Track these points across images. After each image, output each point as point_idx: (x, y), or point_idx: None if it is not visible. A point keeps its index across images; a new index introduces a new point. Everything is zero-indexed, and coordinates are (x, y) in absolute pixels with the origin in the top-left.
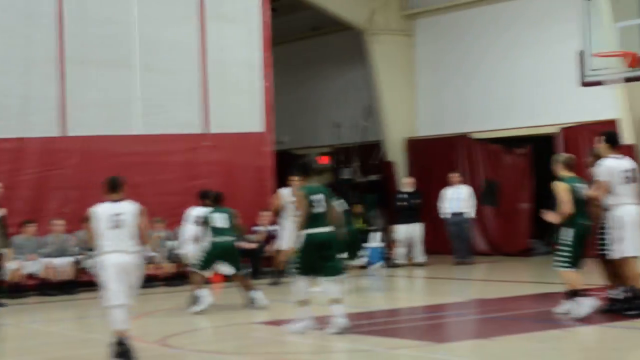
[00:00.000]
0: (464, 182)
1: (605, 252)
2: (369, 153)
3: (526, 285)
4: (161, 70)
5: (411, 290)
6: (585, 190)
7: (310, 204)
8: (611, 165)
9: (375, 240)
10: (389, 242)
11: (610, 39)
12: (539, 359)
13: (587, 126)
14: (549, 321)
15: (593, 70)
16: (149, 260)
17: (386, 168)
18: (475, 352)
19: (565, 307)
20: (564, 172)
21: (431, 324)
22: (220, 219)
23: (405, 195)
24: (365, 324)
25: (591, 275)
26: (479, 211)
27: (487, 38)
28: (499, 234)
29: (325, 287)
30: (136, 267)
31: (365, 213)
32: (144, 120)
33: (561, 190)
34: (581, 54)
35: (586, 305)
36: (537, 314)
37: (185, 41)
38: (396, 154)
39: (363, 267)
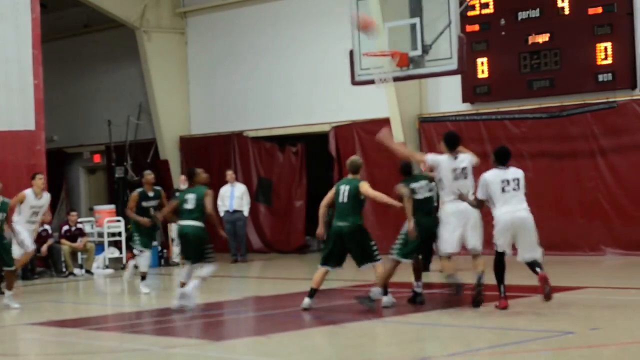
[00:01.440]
0: (239, 180)
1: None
2: (143, 151)
3: (302, 282)
4: None
5: None
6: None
7: None
8: (443, 162)
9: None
10: (166, 241)
11: (380, 39)
12: (316, 355)
13: (358, 124)
14: (324, 317)
15: (363, 69)
16: None
17: (161, 166)
18: (252, 350)
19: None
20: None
21: (208, 322)
22: None
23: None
24: (141, 323)
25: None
26: (254, 209)
27: (263, 37)
28: (275, 232)
29: None
30: None
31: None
32: None
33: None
34: (352, 54)
35: (384, 299)
36: (312, 310)
37: None
38: (170, 152)
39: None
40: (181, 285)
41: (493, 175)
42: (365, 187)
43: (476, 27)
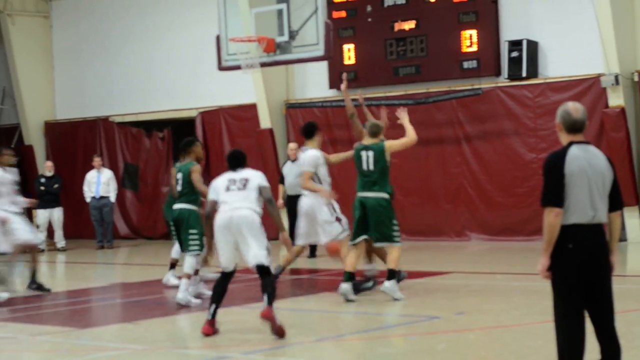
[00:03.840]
0: (106, 166)
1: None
2: (7, 136)
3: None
4: None
5: (53, 276)
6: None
7: None
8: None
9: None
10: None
11: (247, 24)
12: (182, 341)
13: (225, 110)
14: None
15: (230, 54)
16: None
17: (25, 152)
18: (119, 336)
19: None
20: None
21: (74, 310)
22: None
23: (45, 180)
24: (6, 310)
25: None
26: (120, 195)
27: (128, 21)
28: (141, 218)
29: None
30: None
31: None
32: None
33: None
34: (218, 39)
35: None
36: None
37: None
38: (35, 137)
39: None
40: (186, 277)
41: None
42: (390, 144)
43: (343, 14)
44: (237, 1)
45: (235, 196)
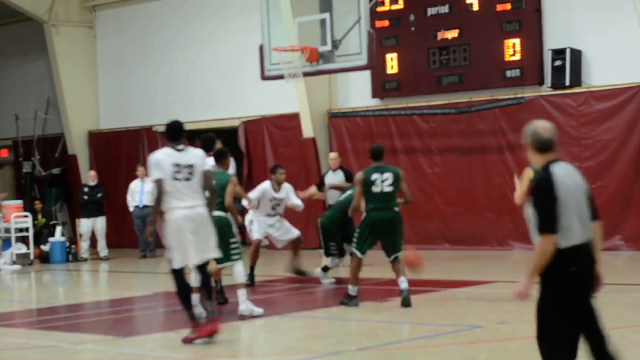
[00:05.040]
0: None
1: None
2: (51, 146)
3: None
4: None
5: (96, 285)
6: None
7: None
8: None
9: (58, 235)
10: (74, 237)
11: (289, 34)
12: (225, 350)
13: (268, 119)
14: (233, 313)
15: (273, 64)
16: None
17: (68, 161)
18: (161, 345)
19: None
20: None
21: (117, 318)
22: None
23: (88, 189)
24: (49, 319)
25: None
26: None
27: (170, 31)
28: None
29: None
30: None
31: (47, 207)
32: None
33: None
34: (262, 48)
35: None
36: (220, 306)
37: None
38: (78, 147)
39: (46, 261)
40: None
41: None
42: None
43: (386, 23)
44: (280, 10)
45: (186, 189)
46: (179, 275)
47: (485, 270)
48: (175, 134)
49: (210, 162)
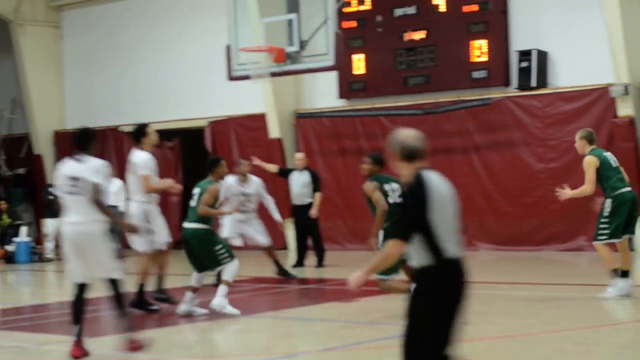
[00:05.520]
0: (115, 175)
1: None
2: (17, 146)
3: (178, 278)
4: None
5: (61, 285)
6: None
7: None
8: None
9: (23, 235)
10: (39, 237)
11: (257, 34)
12: (190, 350)
13: (235, 120)
14: (199, 313)
15: (240, 64)
16: None
17: (34, 161)
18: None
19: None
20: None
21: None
22: None
23: (54, 189)
24: (14, 319)
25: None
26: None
27: (138, 31)
28: None
29: None
30: None
31: (12, 207)
32: None
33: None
34: (229, 48)
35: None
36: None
37: None
38: (44, 146)
39: (11, 261)
40: (192, 291)
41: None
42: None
43: (353, 24)
44: (247, 11)
45: (72, 203)
46: (76, 287)
47: None
48: (80, 141)
49: (139, 158)
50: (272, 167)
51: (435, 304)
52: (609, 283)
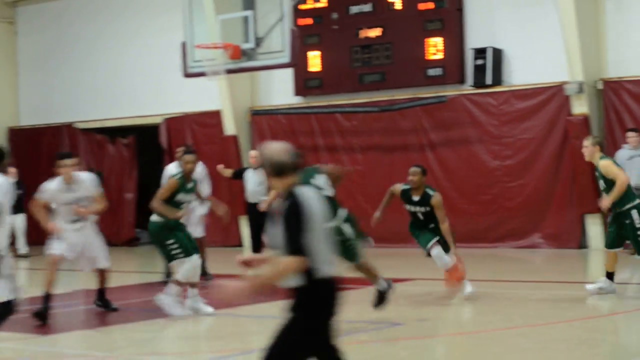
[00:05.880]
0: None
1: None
2: None
3: (132, 275)
4: None
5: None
6: None
7: None
8: None
9: None
10: None
11: (212, 31)
12: (143, 348)
13: (190, 116)
14: (154, 310)
15: (195, 61)
16: None
17: None
18: (81, 343)
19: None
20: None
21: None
22: None
23: None
24: None
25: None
26: None
27: (93, 27)
28: (105, 224)
29: None
30: None
31: None
32: None
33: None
34: (184, 45)
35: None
36: (142, 303)
37: None
38: None
39: None
40: (190, 286)
41: None
42: None
43: (309, 21)
44: (203, 8)
45: None
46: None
47: (406, 267)
48: None
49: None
50: (228, 172)
51: (306, 324)
52: None
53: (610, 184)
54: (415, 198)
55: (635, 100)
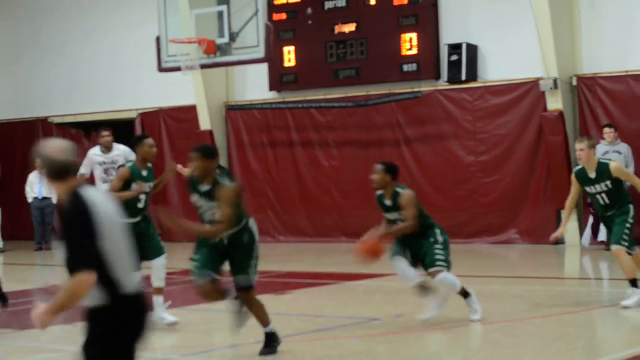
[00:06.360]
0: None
1: None
2: None
3: None
4: None
5: None
6: None
7: None
8: None
9: None
10: None
11: (187, 26)
12: None
13: (165, 111)
14: None
15: (170, 56)
16: None
17: None
18: (57, 338)
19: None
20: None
21: (12, 311)
22: None
23: None
24: None
25: None
26: None
27: (67, 21)
28: None
29: None
30: None
31: None
32: None
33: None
34: (159, 40)
35: None
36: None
37: None
38: None
39: None
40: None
41: None
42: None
43: (283, 16)
44: (177, 2)
45: None
46: None
47: (382, 263)
48: None
49: None
50: (187, 171)
51: (111, 349)
52: None
53: (618, 183)
54: (388, 202)
55: (609, 96)
